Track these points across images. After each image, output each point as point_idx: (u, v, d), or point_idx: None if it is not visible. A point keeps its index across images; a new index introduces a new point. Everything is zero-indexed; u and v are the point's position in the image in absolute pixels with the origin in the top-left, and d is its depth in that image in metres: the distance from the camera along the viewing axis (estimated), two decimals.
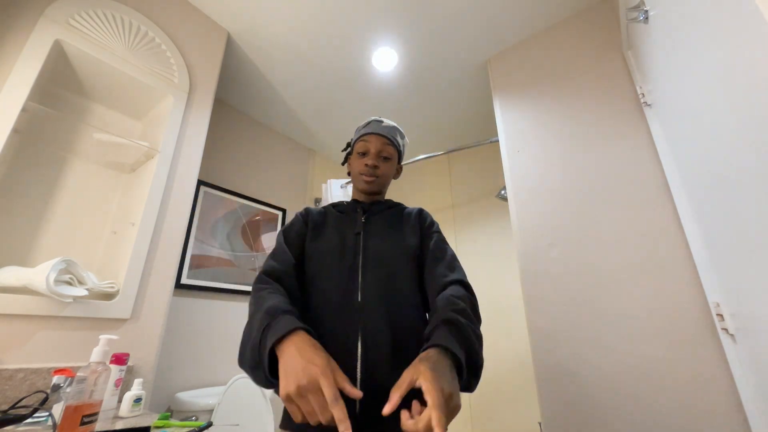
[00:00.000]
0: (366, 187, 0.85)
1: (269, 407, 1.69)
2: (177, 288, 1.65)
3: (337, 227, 0.81)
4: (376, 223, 0.81)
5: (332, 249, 0.75)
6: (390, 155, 0.86)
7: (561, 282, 1.29)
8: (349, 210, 0.86)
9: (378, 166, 0.84)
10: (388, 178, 0.88)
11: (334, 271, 0.72)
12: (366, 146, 0.85)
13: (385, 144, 0.85)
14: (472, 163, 2.65)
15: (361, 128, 0.89)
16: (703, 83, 0.78)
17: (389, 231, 0.80)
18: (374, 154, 0.84)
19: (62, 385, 0.85)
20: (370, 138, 0.85)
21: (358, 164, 0.86)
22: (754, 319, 0.77)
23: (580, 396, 1.15)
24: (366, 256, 0.74)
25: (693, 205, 1.01)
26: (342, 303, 0.67)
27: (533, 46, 1.68)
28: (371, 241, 0.76)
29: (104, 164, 1.32)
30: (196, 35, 1.54)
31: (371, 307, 0.67)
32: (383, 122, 0.88)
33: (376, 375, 0.60)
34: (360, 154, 0.85)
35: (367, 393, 0.56)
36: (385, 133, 0.86)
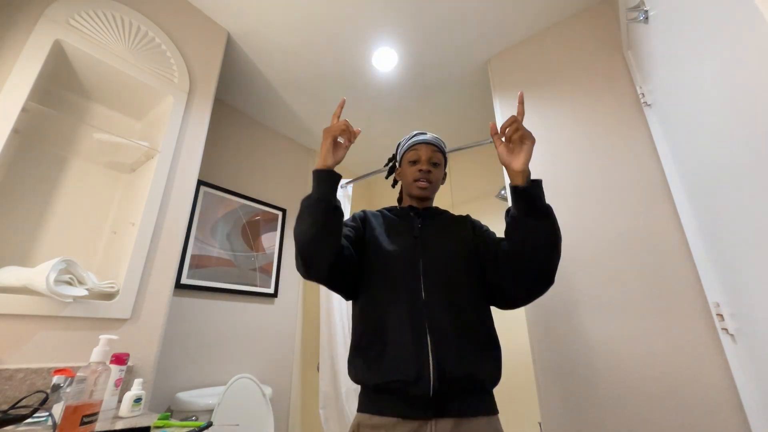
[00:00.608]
0: (421, 193, 0.90)
1: (269, 407, 1.69)
2: (177, 288, 1.65)
3: (395, 229, 0.87)
4: (431, 226, 0.88)
5: (394, 252, 0.81)
6: (439, 161, 0.93)
7: (561, 282, 1.29)
8: (404, 215, 0.92)
9: (431, 171, 0.90)
10: (439, 182, 0.94)
11: (398, 271, 0.78)
12: (417, 154, 0.91)
13: (434, 151, 0.92)
14: (472, 163, 2.64)
15: (408, 140, 0.96)
16: (703, 83, 0.78)
17: (445, 233, 0.87)
18: (426, 161, 0.90)
19: (62, 385, 0.85)
20: (420, 147, 0.92)
21: (410, 172, 0.92)
22: (754, 319, 0.77)
23: (580, 396, 1.15)
24: (426, 258, 0.80)
25: (693, 205, 1.01)
26: (409, 304, 0.74)
27: (533, 46, 1.68)
28: (429, 243, 0.83)
29: (104, 164, 1.32)
30: (196, 35, 1.54)
31: (436, 304, 0.73)
32: (427, 134, 0.95)
33: (446, 364, 0.67)
34: (411, 163, 0.92)
35: (439, 381, 0.66)
36: (433, 141, 0.93)
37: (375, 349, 0.72)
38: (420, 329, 0.71)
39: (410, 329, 0.71)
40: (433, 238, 0.85)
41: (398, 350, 0.70)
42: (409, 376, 0.67)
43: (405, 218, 0.91)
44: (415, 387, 0.66)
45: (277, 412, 1.90)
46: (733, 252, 0.81)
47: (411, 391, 0.66)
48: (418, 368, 0.67)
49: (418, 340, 0.70)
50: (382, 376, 0.69)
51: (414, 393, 0.66)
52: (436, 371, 0.67)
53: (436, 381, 0.66)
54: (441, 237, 0.86)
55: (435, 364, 0.67)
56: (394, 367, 0.68)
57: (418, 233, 0.85)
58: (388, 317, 0.74)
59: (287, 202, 2.44)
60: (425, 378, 0.66)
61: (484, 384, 0.71)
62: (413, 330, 0.71)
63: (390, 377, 0.68)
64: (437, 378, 0.66)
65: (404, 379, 0.67)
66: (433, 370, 0.67)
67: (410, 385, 0.66)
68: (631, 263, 1.16)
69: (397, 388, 0.68)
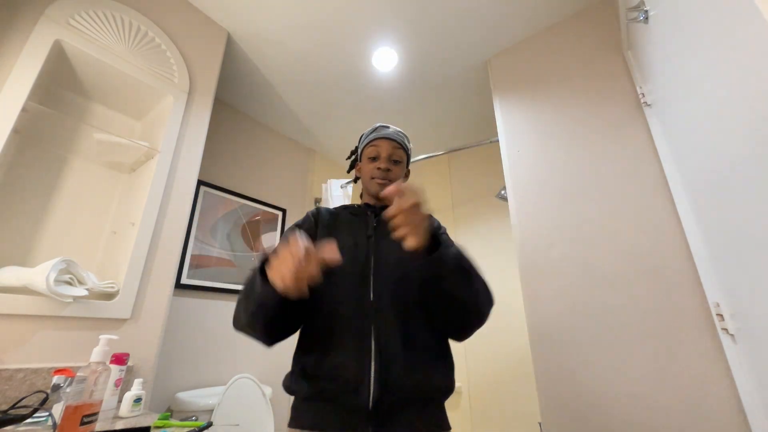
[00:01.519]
0: (379, 190, 0.84)
1: (269, 407, 1.69)
2: (177, 288, 1.65)
3: (349, 230, 0.81)
4: (386, 227, 0.79)
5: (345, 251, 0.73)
6: (400, 158, 0.87)
7: (561, 282, 1.29)
8: (361, 213, 0.87)
9: (390, 169, 0.85)
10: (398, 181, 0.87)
11: (347, 272, 0.72)
12: (377, 150, 0.86)
13: (395, 148, 0.86)
14: (472, 163, 2.64)
15: (369, 134, 0.90)
16: (703, 83, 0.78)
17: None
18: (385, 158, 0.85)
19: (62, 385, 0.85)
20: (380, 142, 0.86)
21: (369, 169, 0.87)
22: (754, 319, 0.77)
23: (580, 396, 1.15)
24: (378, 259, 0.75)
25: (693, 205, 1.01)
26: (355, 304, 0.68)
27: (533, 46, 1.68)
28: (383, 244, 0.77)
29: (104, 164, 1.32)
30: (196, 35, 1.54)
31: (384, 308, 0.68)
32: (389, 128, 0.89)
33: (389, 373, 0.61)
34: (370, 159, 0.87)
35: (381, 390, 0.59)
36: (394, 137, 0.87)
37: (314, 354, 0.66)
38: (364, 332, 0.65)
39: (353, 332, 0.65)
40: (388, 238, 0.74)
41: (337, 355, 0.63)
42: (347, 383, 0.60)
43: (360, 216, 0.85)
44: (353, 397, 0.59)
45: (277, 412, 1.90)
46: (733, 252, 0.81)
47: (348, 402, 0.60)
48: (358, 375, 0.60)
49: (361, 344, 0.63)
50: (317, 383, 0.62)
51: (351, 404, 0.59)
52: (377, 379, 0.60)
53: (377, 390, 0.59)
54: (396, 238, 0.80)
55: (377, 370, 0.60)
56: (330, 373, 0.62)
57: (372, 231, 0.79)
58: (331, 319, 0.68)
59: (287, 202, 2.44)
60: (364, 386, 0.59)
61: (434, 396, 0.65)
62: (356, 333, 0.65)
63: (325, 385, 0.61)
64: (378, 387, 0.59)
65: (340, 388, 0.60)
66: (374, 378, 0.60)
67: (347, 394, 0.60)
68: (630, 263, 1.16)
69: (332, 397, 0.61)
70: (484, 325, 0.71)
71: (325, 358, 0.64)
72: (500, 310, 2.09)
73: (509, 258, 2.20)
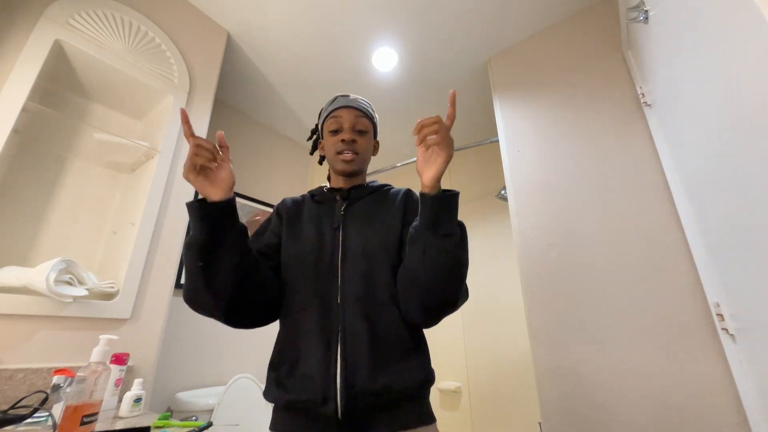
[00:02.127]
0: (346, 167, 0.76)
1: (269, 407, 1.69)
2: (177, 288, 1.64)
3: (314, 221, 0.75)
4: (356, 214, 0.75)
5: (309, 249, 0.70)
6: (366, 128, 0.79)
7: (561, 282, 1.29)
8: (327, 199, 0.79)
9: (356, 140, 0.76)
10: (367, 153, 0.80)
11: (310, 272, 0.68)
12: (338, 122, 0.77)
13: (358, 116, 0.78)
14: (472, 163, 2.64)
15: (328, 106, 0.82)
16: (703, 83, 0.78)
17: (371, 220, 0.73)
18: (349, 129, 0.77)
19: (62, 385, 0.85)
20: (341, 112, 0.78)
21: (332, 144, 0.78)
22: (754, 319, 0.77)
23: (580, 396, 1.15)
24: (345, 253, 0.69)
25: (693, 205, 1.01)
26: (322, 309, 0.64)
27: (533, 46, 1.68)
28: (350, 235, 0.71)
29: (104, 164, 1.32)
30: (196, 35, 1.54)
31: (350, 310, 0.64)
32: (350, 96, 0.81)
33: (356, 379, 0.59)
34: (332, 133, 0.78)
35: (348, 400, 0.57)
36: (355, 105, 0.79)
37: (286, 364, 0.64)
38: (331, 340, 0.62)
39: (320, 340, 0.62)
40: (356, 227, 0.72)
41: (306, 365, 0.61)
42: (315, 395, 0.58)
43: (327, 203, 0.78)
44: (322, 408, 0.58)
45: None
46: (733, 252, 0.81)
47: (317, 413, 0.58)
48: (324, 386, 0.58)
49: (327, 352, 0.61)
50: (290, 394, 0.61)
51: (321, 414, 0.58)
52: (343, 389, 0.58)
53: (344, 400, 0.57)
54: (366, 226, 0.72)
55: (342, 380, 0.58)
56: (298, 385, 0.61)
57: (339, 222, 0.73)
58: (299, 326, 0.65)
59: None
60: (331, 397, 0.58)
61: (408, 394, 0.62)
62: (323, 341, 0.62)
63: (294, 396, 0.60)
64: (344, 396, 0.57)
65: (310, 399, 0.59)
66: (339, 388, 0.58)
67: (316, 405, 0.58)
68: (630, 263, 1.16)
69: (303, 408, 0.60)
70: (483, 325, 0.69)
71: (294, 369, 0.62)
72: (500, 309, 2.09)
73: (509, 258, 2.21)
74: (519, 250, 1.44)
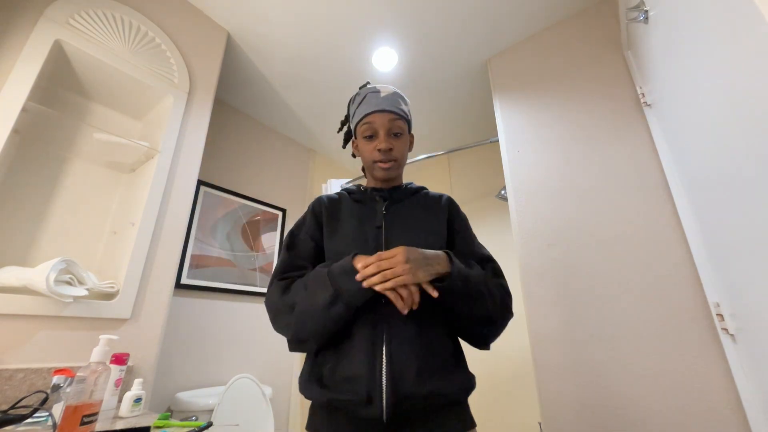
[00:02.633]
0: (384, 175, 0.76)
1: (269, 407, 1.69)
2: (177, 288, 1.65)
3: (355, 219, 0.74)
4: (398, 214, 0.75)
5: (353, 248, 0.68)
6: (401, 130, 0.76)
7: (561, 282, 1.29)
8: (367, 198, 0.78)
9: (392, 148, 0.74)
10: (404, 156, 0.79)
11: None
12: (372, 128, 0.75)
13: (392, 120, 0.75)
14: (472, 163, 2.64)
15: (358, 106, 0.78)
16: (703, 83, 0.78)
17: (413, 222, 0.74)
18: (384, 136, 0.74)
19: (62, 385, 0.85)
20: (375, 118, 0.74)
21: (368, 150, 0.76)
22: (754, 319, 0.77)
23: (580, 396, 1.15)
24: None
25: (693, 205, 1.01)
26: (367, 308, 0.63)
27: (533, 46, 1.68)
28: (394, 235, 0.70)
29: (104, 164, 1.32)
30: (196, 35, 1.54)
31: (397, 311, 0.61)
32: (381, 93, 0.76)
33: (402, 383, 0.58)
34: (367, 139, 0.76)
35: (394, 402, 0.57)
36: (389, 107, 0.75)
37: (328, 362, 0.64)
38: (376, 340, 0.61)
39: (365, 340, 0.61)
40: (399, 228, 0.72)
41: (350, 365, 0.61)
42: (359, 395, 0.57)
43: (368, 203, 0.77)
44: (366, 409, 0.57)
45: (277, 412, 1.90)
46: (733, 252, 0.81)
47: (361, 413, 0.58)
48: (369, 387, 0.58)
49: (373, 353, 0.60)
50: (332, 393, 0.60)
51: (364, 415, 0.57)
52: (389, 391, 0.57)
53: (390, 403, 0.56)
54: (410, 227, 0.73)
55: (389, 382, 0.57)
56: (342, 384, 0.60)
57: (381, 222, 0.72)
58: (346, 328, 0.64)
59: (287, 202, 2.44)
60: (377, 399, 0.57)
61: (452, 397, 0.62)
62: (368, 341, 0.61)
63: (339, 395, 0.59)
64: (390, 399, 0.56)
65: (354, 399, 0.58)
66: (385, 390, 0.57)
67: (360, 406, 0.57)
68: (630, 263, 1.16)
69: (345, 408, 0.59)
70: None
71: (337, 368, 0.62)
72: None
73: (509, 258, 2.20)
74: (519, 250, 1.44)
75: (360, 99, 0.78)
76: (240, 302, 1.99)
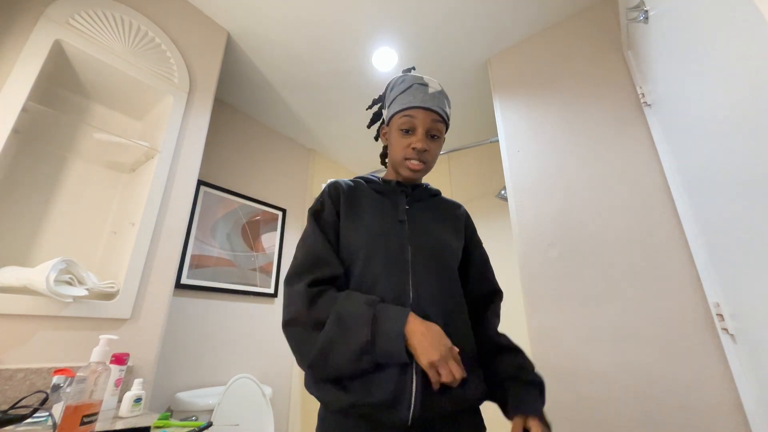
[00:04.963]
0: (412, 175, 0.71)
1: (269, 407, 1.69)
2: (177, 288, 1.65)
3: (375, 212, 0.69)
4: (420, 212, 0.72)
5: (377, 242, 0.64)
6: (439, 133, 0.71)
7: (561, 282, 1.29)
8: (389, 191, 0.73)
9: (428, 149, 0.69)
10: (435, 160, 0.74)
11: (381, 263, 0.62)
12: (412, 123, 0.69)
13: (435, 120, 0.69)
14: (472, 163, 2.64)
15: (402, 94, 0.71)
16: (703, 83, 0.78)
17: (435, 224, 0.71)
18: (422, 136, 0.68)
19: (62, 385, 0.85)
20: (417, 113, 0.68)
21: (400, 145, 0.70)
22: (754, 319, 0.77)
23: (580, 396, 1.15)
24: (415, 247, 0.65)
25: (693, 206, 1.01)
26: (393, 301, 0.58)
27: (533, 46, 1.68)
28: (418, 232, 0.67)
29: (104, 164, 1.32)
30: (196, 35, 1.54)
31: (425, 309, 0.59)
32: (429, 87, 0.70)
33: (431, 387, 0.54)
34: (403, 132, 0.70)
35: (422, 404, 0.53)
36: (435, 107, 0.69)
37: None
38: None
39: None
40: (422, 223, 0.69)
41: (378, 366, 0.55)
42: (384, 397, 0.53)
43: (388, 195, 0.73)
44: (390, 412, 0.53)
45: (277, 412, 1.90)
46: (733, 252, 0.81)
47: (384, 419, 0.53)
48: (397, 388, 0.53)
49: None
50: (350, 396, 0.54)
51: (387, 421, 0.53)
52: (419, 393, 0.53)
53: (418, 406, 0.53)
54: (432, 227, 0.70)
55: (419, 383, 0.53)
56: (365, 386, 0.54)
57: (405, 217, 0.69)
58: None
59: (287, 202, 2.44)
60: (405, 401, 0.53)
61: (473, 403, 0.60)
62: None
63: (359, 399, 0.53)
64: (420, 402, 0.53)
65: (376, 402, 0.53)
66: (415, 392, 0.53)
67: (383, 410, 0.53)
68: (630, 263, 1.16)
69: (367, 413, 0.54)
70: None
71: None
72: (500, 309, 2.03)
73: (509, 258, 2.20)
74: (519, 250, 1.44)
75: (405, 86, 0.71)
76: (240, 302, 1.99)
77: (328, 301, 0.58)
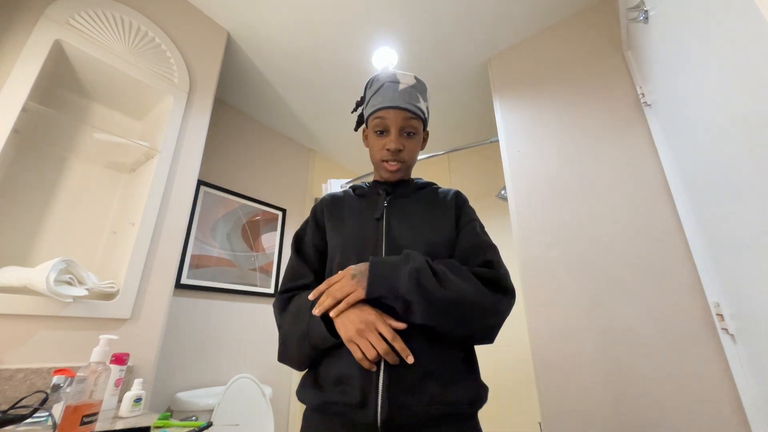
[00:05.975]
0: (390, 177, 0.72)
1: (269, 407, 1.69)
2: (177, 288, 1.65)
3: (355, 214, 0.71)
4: (400, 207, 0.71)
5: (351, 241, 0.66)
6: (414, 129, 0.70)
7: (560, 282, 1.29)
8: (370, 193, 0.75)
9: (402, 149, 0.69)
10: (414, 157, 0.73)
11: (354, 260, 0.62)
12: (384, 124, 0.69)
13: (407, 118, 0.69)
14: (472, 163, 2.64)
15: (375, 95, 0.71)
16: (703, 83, 0.78)
17: (417, 216, 0.69)
18: (395, 136, 0.69)
19: (62, 385, 0.85)
20: (388, 114, 0.69)
21: (377, 147, 0.71)
22: (754, 319, 0.77)
23: (580, 396, 1.15)
24: (389, 245, 0.64)
25: (693, 205, 1.01)
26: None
27: (533, 46, 1.68)
28: (394, 228, 0.66)
29: (104, 164, 1.32)
30: (196, 35, 1.54)
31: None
32: (399, 84, 0.70)
33: (399, 386, 0.53)
34: (378, 133, 0.71)
35: (390, 406, 0.52)
36: (405, 104, 0.69)
37: (323, 362, 0.60)
38: None
39: None
40: (401, 220, 0.68)
41: (344, 364, 0.56)
42: (353, 398, 0.53)
43: (368, 196, 0.75)
44: (360, 412, 0.53)
45: (277, 412, 1.90)
46: (733, 252, 0.81)
47: (354, 417, 0.54)
48: (364, 388, 0.53)
49: None
50: (325, 395, 0.56)
51: (358, 420, 0.53)
52: (385, 393, 0.52)
53: (385, 407, 0.52)
54: (411, 220, 0.68)
55: (385, 384, 0.53)
56: (336, 385, 0.56)
57: (381, 214, 0.69)
58: None
59: (287, 202, 2.44)
60: (371, 401, 0.52)
61: (458, 410, 0.55)
62: None
63: (332, 398, 0.56)
64: (386, 403, 0.52)
65: (347, 401, 0.54)
66: (381, 392, 0.53)
67: (354, 409, 0.53)
68: (630, 263, 1.16)
69: (339, 411, 0.55)
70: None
71: (332, 368, 0.58)
72: None
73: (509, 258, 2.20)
74: (519, 250, 1.44)
75: (377, 86, 0.72)
76: (240, 302, 1.99)
77: (293, 302, 0.65)
